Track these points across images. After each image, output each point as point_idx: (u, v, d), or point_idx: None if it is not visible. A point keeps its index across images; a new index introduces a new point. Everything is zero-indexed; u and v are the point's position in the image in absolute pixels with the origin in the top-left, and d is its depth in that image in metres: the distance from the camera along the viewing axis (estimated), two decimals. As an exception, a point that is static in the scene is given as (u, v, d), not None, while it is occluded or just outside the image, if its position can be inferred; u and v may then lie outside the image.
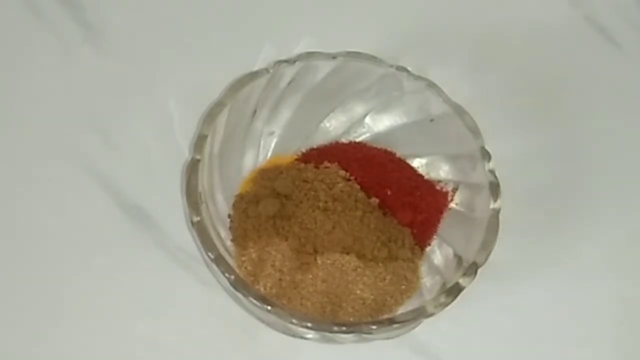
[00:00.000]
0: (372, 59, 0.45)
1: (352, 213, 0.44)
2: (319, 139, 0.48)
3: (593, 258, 0.48)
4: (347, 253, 0.43)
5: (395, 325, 0.39)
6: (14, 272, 0.44)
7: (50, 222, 0.45)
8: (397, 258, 0.43)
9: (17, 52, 0.49)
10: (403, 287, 0.43)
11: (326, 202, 0.43)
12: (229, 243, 0.44)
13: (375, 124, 0.48)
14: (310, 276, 0.42)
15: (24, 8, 0.50)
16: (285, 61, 0.44)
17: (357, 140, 0.48)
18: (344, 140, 0.48)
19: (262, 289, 0.42)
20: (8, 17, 0.50)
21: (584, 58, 0.55)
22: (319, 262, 0.42)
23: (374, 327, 0.39)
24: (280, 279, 0.42)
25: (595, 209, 0.49)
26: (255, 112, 0.46)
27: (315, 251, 0.43)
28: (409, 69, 0.46)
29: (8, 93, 0.48)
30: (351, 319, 0.42)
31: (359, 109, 0.48)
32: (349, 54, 0.45)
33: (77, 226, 0.45)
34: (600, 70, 0.55)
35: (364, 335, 0.39)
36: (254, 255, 0.43)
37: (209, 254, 0.39)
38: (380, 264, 0.43)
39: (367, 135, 0.48)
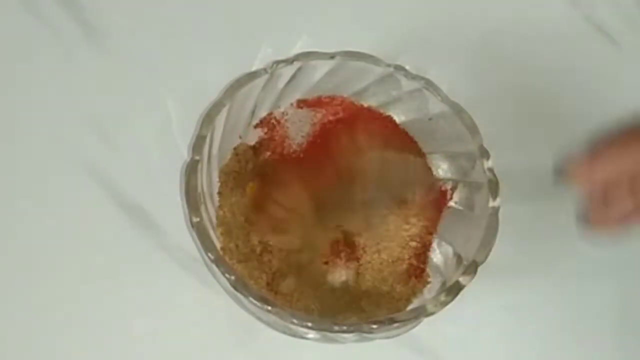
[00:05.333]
0: (371, 58, 0.45)
1: None
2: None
3: (593, 258, 0.48)
4: None
5: (395, 325, 0.39)
6: (14, 272, 0.44)
7: (50, 222, 0.45)
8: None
9: (17, 52, 0.50)
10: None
11: None
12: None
13: (374, 124, 0.48)
14: None
15: (24, 8, 0.50)
16: (284, 61, 0.44)
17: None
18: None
19: None
20: (8, 17, 0.50)
21: (584, 58, 0.55)
22: None
23: (374, 326, 0.39)
24: None
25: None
26: (254, 112, 0.46)
27: None
28: (407, 68, 0.46)
29: (8, 93, 0.48)
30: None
31: (358, 108, 0.48)
32: (347, 54, 0.45)
33: (77, 226, 0.45)
34: (600, 70, 0.55)
35: (364, 335, 0.39)
36: None
37: (209, 254, 0.39)
38: None
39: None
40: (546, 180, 0.50)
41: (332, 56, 0.45)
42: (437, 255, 0.45)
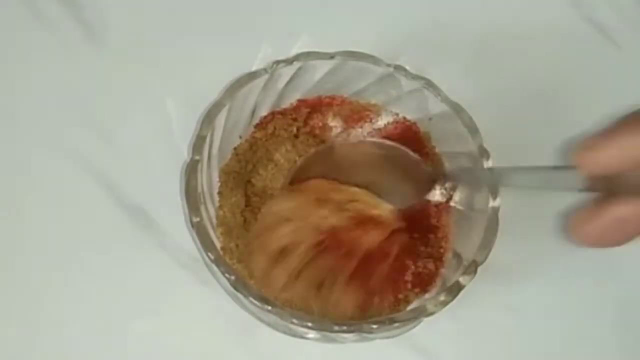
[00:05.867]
0: (371, 58, 0.45)
1: None
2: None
3: (593, 257, 0.48)
4: None
5: (395, 325, 0.39)
6: (14, 271, 0.44)
7: (50, 222, 0.45)
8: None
9: (17, 52, 0.49)
10: None
11: None
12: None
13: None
14: None
15: (23, 8, 0.50)
16: (283, 61, 0.44)
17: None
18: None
19: None
20: (8, 17, 0.50)
21: (584, 58, 0.55)
22: None
23: (375, 326, 0.39)
24: None
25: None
26: (254, 112, 0.46)
27: None
28: (407, 68, 0.45)
29: (7, 93, 0.48)
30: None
31: (357, 108, 0.48)
32: (347, 54, 0.45)
33: (76, 226, 0.45)
34: (600, 70, 0.55)
35: (365, 335, 0.39)
36: None
37: (209, 254, 0.39)
38: None
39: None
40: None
41: (332, 56, 0.45)
42: (437, 255, 0.45)
